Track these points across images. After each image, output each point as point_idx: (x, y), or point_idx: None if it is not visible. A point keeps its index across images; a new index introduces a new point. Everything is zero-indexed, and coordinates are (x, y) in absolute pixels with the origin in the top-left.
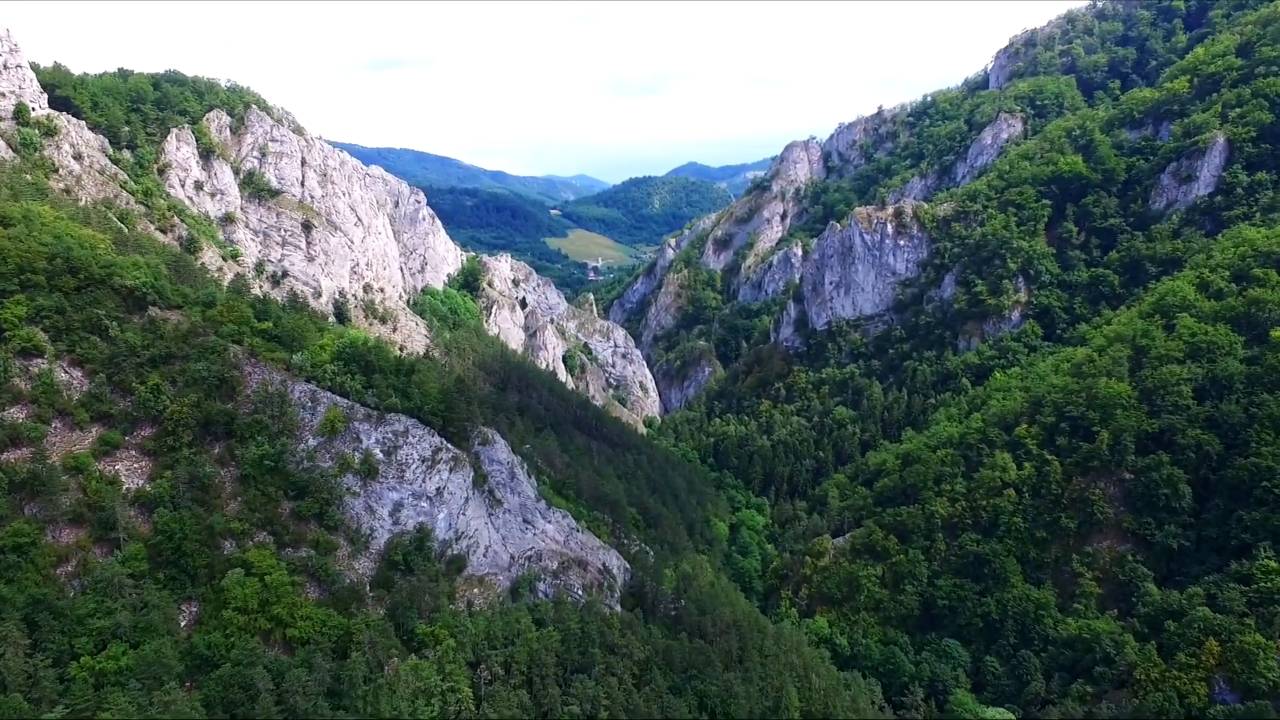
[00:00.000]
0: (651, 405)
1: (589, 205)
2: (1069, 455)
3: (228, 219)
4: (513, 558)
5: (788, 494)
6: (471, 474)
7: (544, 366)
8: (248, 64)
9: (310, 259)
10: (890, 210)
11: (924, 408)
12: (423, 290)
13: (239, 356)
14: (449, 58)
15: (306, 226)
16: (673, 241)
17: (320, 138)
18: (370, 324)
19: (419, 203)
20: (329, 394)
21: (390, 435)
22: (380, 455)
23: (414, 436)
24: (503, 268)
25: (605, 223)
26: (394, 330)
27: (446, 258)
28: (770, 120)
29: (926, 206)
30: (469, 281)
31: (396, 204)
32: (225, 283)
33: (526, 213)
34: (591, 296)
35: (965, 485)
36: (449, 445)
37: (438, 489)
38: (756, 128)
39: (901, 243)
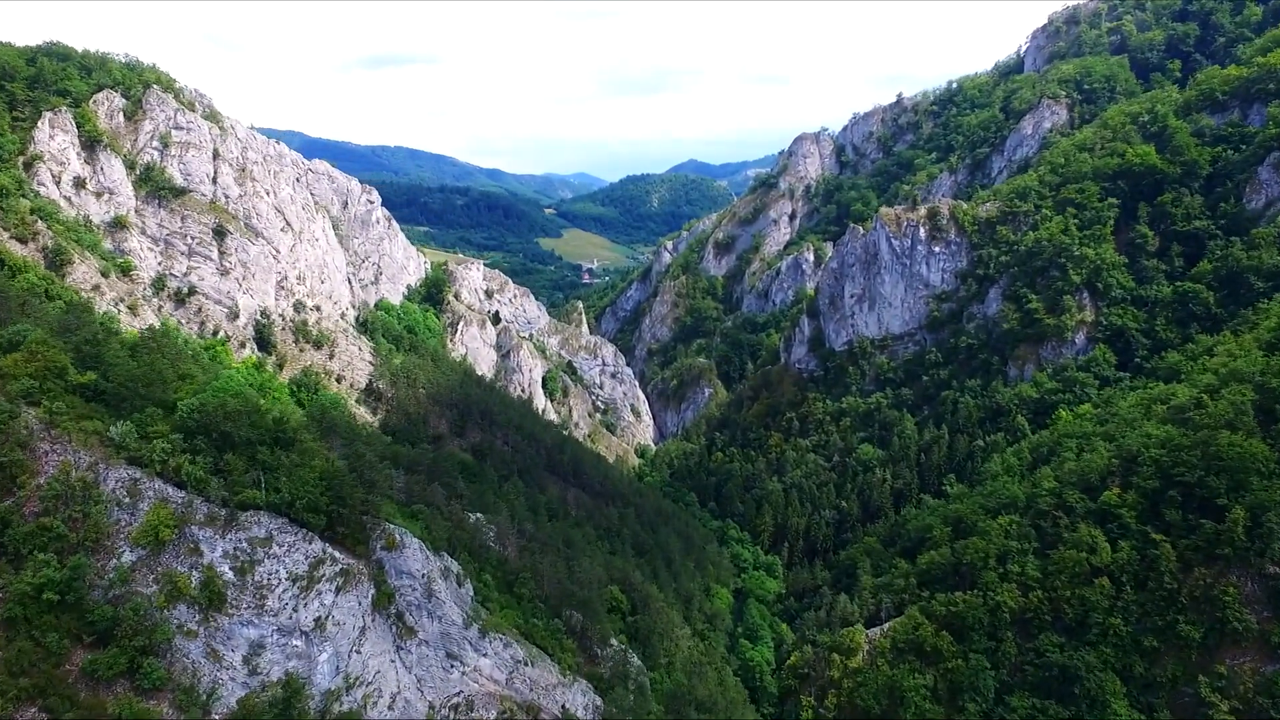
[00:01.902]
0: (645, 431)
1: (585, 204)
2: (1186, 536)
3: (118, 224)
4: (432, 707)
5: (804, 553)
6: (371, 593)
7: (517, 392)
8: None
9: (224, 272)
10: (923, 211)
11: (970, 451)
12: (376, 305)
13: (31, 428)
14: (451, 56)
15: (219, 233)
16: (669, 244)
17: (251, 127)
18: (302, 349)
19: (372, 203)
20: (159, 483)
21: (246, 544)
22: (230, 574)
23: (282, 544)
24: (473, 277)
25: (602, 222)
26: (331, 357)
27: (406, 266)
28: (773, 118)
29: (965, 206)
30: (432, 294)
31: (345, 204)
32: (102, 307)
33: (520, 212)
34: (581, 304)
35: (1040, 567)
36: (336, 553)
37: (317, 619)
38: (759, 125)
39: (936, 249)
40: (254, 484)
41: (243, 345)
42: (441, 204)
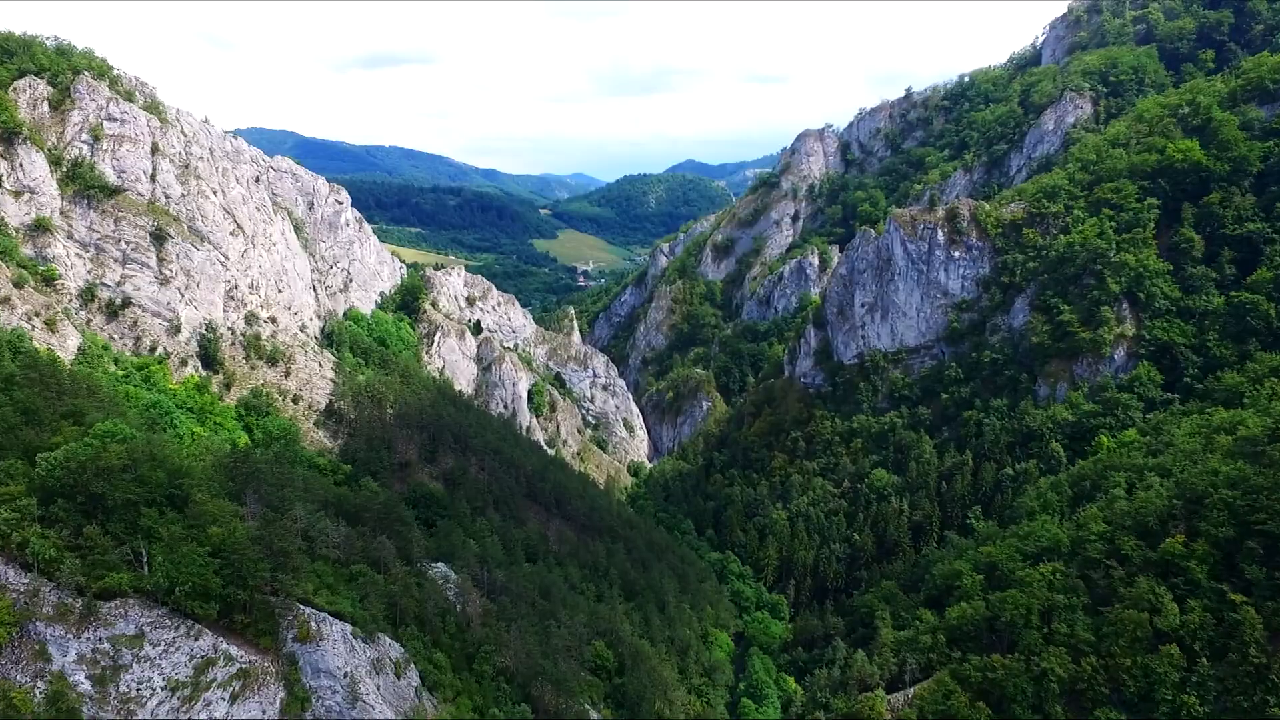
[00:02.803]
0: (638, 447)
1: (581, 204)
2: (1273, 598)
3: (39, 227)
4: None
5: (812, 593)
6: (280, 697)
7: (499, 409)
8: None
9: (163, 281)
10: (941, 212)
11: (998, 481)
12: (345, 315)
13: None
14: (449, 56)
15: (158, 237)
16: (665, 247)
17: (206, 121)
18: (253, 367)
19: (341, 203)
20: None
21: (109, 645)
22: (87, 686)
23: (158, 642)
24: (453, 283)
25: (598, 223)
26: (287, 374)
27: (379, 272)
28: (771, 118)
29: (988, 207)
30: (408, 302)
31: (311, 205)
32: (11, 322)
33: (514, 213)
34: (572, 310)
35: (1092, 628)
36: (233, 649)
37: None
38: (757, 125)
39: (956, 254)
40: (127, 562)
41: (184, 363)
42: (434, 204)
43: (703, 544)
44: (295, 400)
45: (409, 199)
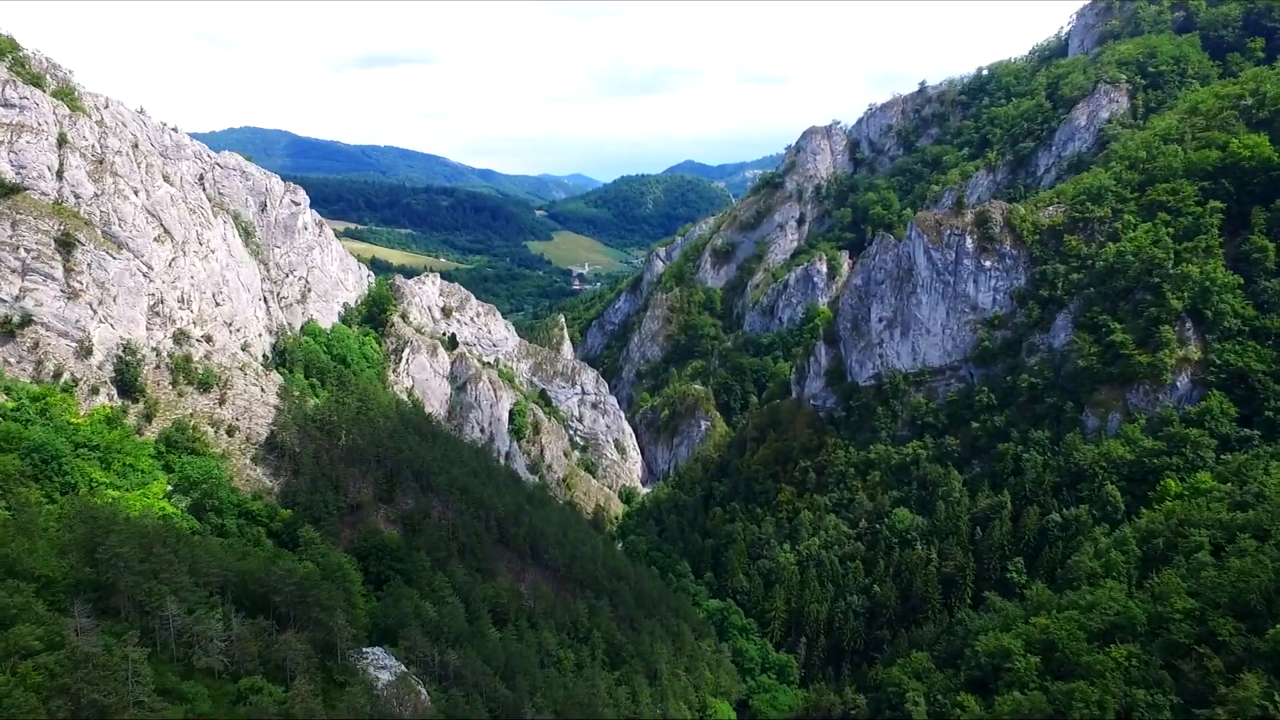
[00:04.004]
0: (631, 470)
1: (577, 205)
2: None
3: None
4: None
5: (826, 653)
6: None
7: (475, 433)
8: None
9: (71, 295)
10: (969, 217)
11: (1043, 529)
12: (303, 330)
13: None
14: (448, 56)
15: (65, 244)
16: (662, 251)
17: (141, 111)
18: (181, 393)
19: (298, 204)
20: None
21: None
22: None
23: None
24: (426, 292)
25: (594, 224)
26: (222, 401)
27: (343, 281)
28: (771, 118)
29: (1023, 211)
30: (374, 314)
31: (264, 207)
32: None
33: (508, 213)
34: (563, 319)
35: None
36: None
37: None
38: (756, 126)
39: (987, 263)
40: None
41: (95, 391)
42: (425, 205)
43: (701, 589)
44: (230, 432)
45: (400, 199)
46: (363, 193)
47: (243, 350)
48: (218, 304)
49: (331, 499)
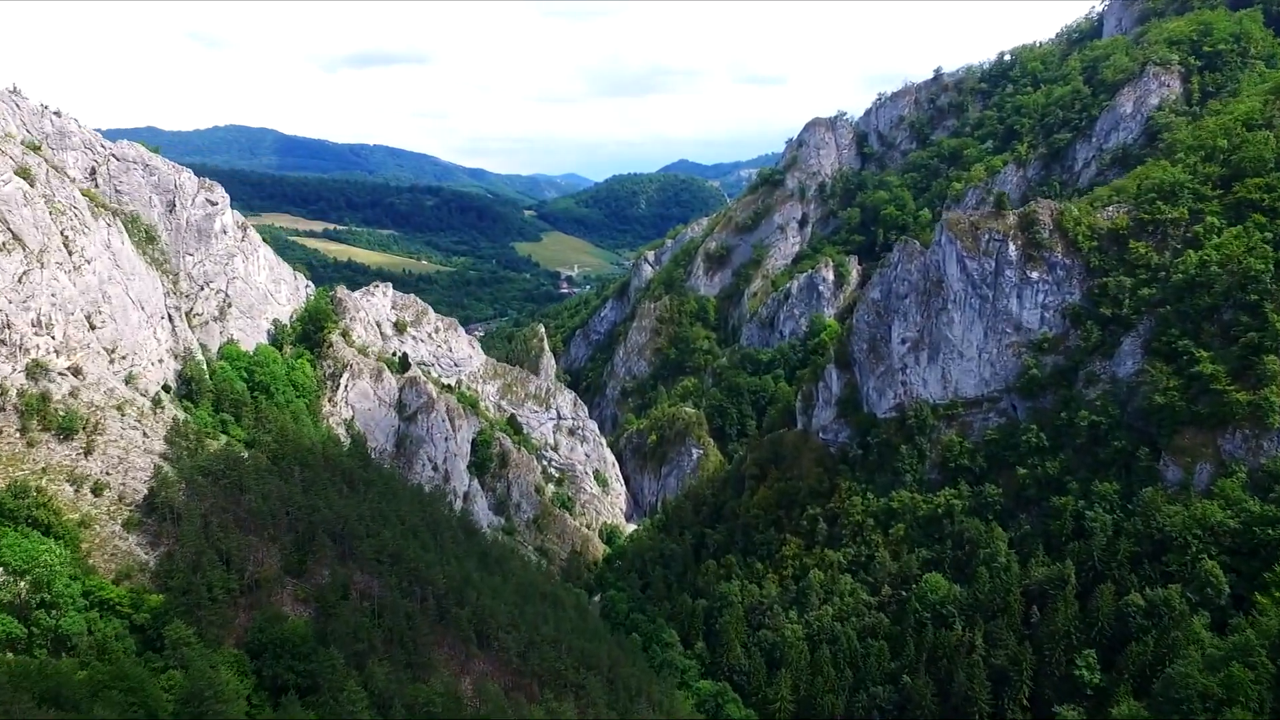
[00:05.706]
0: (613, 505)
1: (567, 204)
2: None
3: None
4: None
5: None
6: None
7: (426, 471)
8: (231, 63)
9: None
10: (1012, 219)
11: (1121, 614)
12: (219, 353)
13: None
14: (442, 56)
15: None
16: (650, 255)
17: (15, 91)
18: (32, 443)
19: (214, 204)
20: None
21: None
22: None
23: None
24: (375, 306)
25: (585, 224)
26: (87, 452)
27: (273, 294)
28: (766, 118)
29: (1077, 212)
30: (310, 332)
31: (172, 207)
32: None
33: (496, 214)
34: (542, 328)
35: None
36: None
37: None
38: (752, 126)
39: (1034, 274)
40: None
41: None
42: (409, 205)
43: (691, 664)
44: (97, 490)
45: (383, 199)
46: (344, 192)
47: (125, 384)
48: (93, 326)
49: (222, 577)
